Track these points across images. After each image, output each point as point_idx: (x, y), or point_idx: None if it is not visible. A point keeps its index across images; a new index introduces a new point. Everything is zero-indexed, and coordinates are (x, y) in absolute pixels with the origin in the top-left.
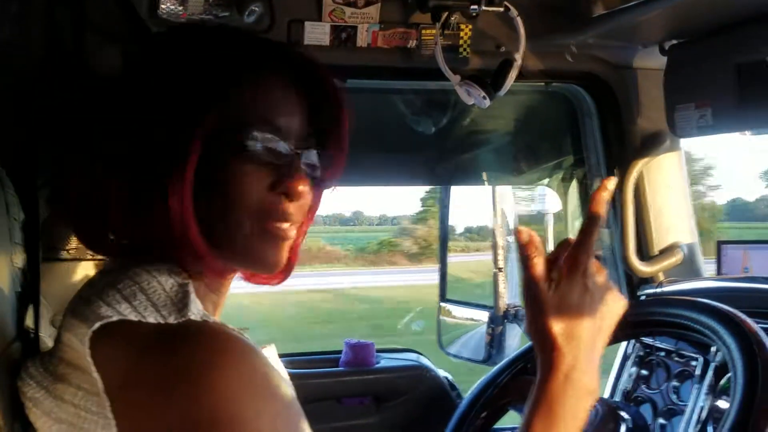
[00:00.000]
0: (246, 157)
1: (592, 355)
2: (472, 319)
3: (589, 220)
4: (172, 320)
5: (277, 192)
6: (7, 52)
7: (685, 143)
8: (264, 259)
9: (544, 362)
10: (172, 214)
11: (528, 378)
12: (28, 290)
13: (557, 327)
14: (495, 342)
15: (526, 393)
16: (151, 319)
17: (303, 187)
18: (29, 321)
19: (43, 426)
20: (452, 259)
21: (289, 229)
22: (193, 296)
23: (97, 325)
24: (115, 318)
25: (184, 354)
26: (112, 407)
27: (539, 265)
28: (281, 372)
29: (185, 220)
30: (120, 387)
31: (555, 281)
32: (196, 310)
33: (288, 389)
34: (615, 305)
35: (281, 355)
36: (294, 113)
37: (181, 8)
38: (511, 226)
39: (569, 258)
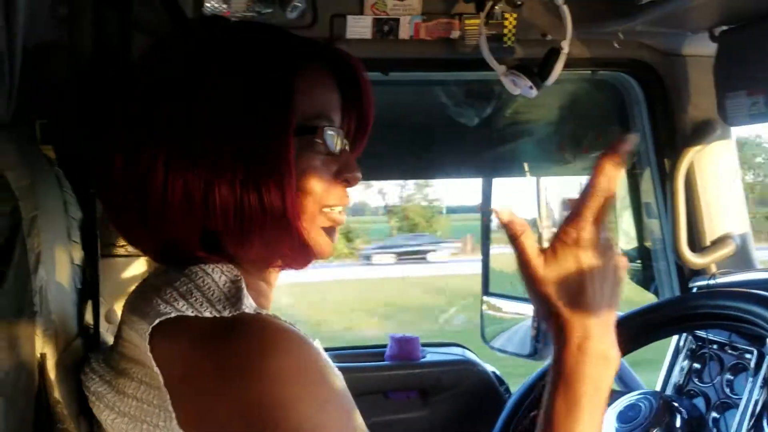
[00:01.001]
0: (316, 150)
1: (604, 321)
2: (517, 313)
3: (583, 190)
4: (226, 314)
5: (340, 180)
6: (57, 54)
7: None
8: (324, 249)
9: (556, 338)
10: (276, 211)
11: None
12: (87, 287)
13: (560, 300)
14: (541, 336)
15: None
16: (207, 314)
17: (360, 174)
18: (88, 317)
19: (106, 419)
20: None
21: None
22: (245, 291)
23: (156, 321)
24: (173, 314)
25: (239, 344)
26: (172, 400)
27: (528, 241)
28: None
29: (290, 215)
30: (179, 380)
31: (547, 255)
32: (249, 303)
33: (339, 379)
34: (615, 265)
35: (326, 350)
36: (338, 108)
37: (225, 6)
38: (557, 218)
39: (559, 230)
